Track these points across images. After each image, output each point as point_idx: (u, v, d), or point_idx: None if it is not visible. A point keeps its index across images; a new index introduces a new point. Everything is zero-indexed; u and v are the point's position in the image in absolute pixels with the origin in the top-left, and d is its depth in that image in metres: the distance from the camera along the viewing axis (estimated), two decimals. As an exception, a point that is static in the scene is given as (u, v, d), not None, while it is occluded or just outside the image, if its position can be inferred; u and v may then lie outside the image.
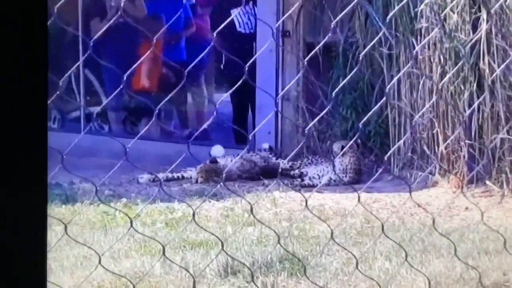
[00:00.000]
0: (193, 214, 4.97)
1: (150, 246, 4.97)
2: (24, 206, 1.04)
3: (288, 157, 7.31)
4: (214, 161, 7.46)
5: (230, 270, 4.52)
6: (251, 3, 8.65)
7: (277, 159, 7.90)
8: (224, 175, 6.95)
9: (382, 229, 4.26)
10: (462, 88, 6.97)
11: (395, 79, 7.12)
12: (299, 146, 6.90)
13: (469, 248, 5.07)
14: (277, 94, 7.76)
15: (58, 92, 2.82)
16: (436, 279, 4.44)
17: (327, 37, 6.01)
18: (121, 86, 2.74)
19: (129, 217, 4.25)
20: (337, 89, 3.45)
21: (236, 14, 8.56)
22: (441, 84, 6.91)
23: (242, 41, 8.64)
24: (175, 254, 4.83)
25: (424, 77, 7.25)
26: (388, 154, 7.02)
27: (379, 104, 6.03)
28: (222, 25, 3.11)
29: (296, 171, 7.76)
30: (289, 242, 5.14)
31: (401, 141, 7.26)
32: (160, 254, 4.67)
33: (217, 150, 7.82)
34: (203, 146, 7.93)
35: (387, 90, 7.15)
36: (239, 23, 8.82)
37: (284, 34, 8.20)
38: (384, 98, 6.83)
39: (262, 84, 7.67)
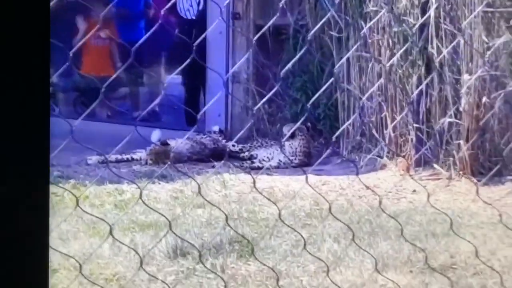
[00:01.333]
0: (140, 193, 4.95)
1: (98, 228, 4.93)
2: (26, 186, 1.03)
3: (236, 138, 7.32)
4: (165, 143, 7.44)
5: (179, 251, 4.51)
6: None
7: (227, 141, 7.90)
8: (172, 156, 6.93)
9: (330, 209, 4.30)
10: (411, 71, 7.04)
11: (343, 59, 7.17)
12: (246, 127, 6.91)
13: (416, 231, 5.14)
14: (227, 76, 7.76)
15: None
16: (384, 261, 4.49)
17: (275, 17, 6.00)
18: (67, 64, 2.68)
19: (75, 196, 4.20)
20: (284, 69, 3.47)
21: None
22: (388, 66, 6.97)
23: (186, 26, 8.61)
24: (124, 235, 4.81)
25: (373, 61, 7.31)
26: (336, 135, 7.06)
27: (327, 84, 6.05)
28: (165, 8, 3.08)
29: (246, 153, 7.78)
30: (239, 224, 5.15)
31: (349, 121, 7.32)
32: (108, 236, 4.63)
33: (156, 134, 7.79)
34: (154, 128, 7.89)
35: (335, 70, 7.19)
36: (180, 9, 8.78)
37: (234, 16, 8.18)
38: (332, 79, 6.86)
39: (213, 66, 7.65)
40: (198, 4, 8.65)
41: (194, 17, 8.76)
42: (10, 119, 1.02)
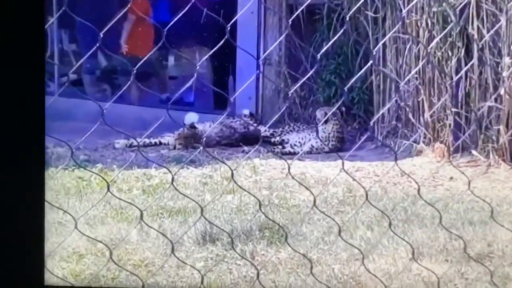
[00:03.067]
0: (172, 179, 5.05)
1: (126, 213, 5.04)
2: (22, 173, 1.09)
3: (269, 124, 7.39)
4: (193, 126, 7.51)
5: (209, 238, 4.61)
6: None
7: (257, 125, 7.96)
8: (203, 141, 7.02)
9: (366, 196, 4.36)
10: (450, 54, 7.05)
11: (381, 42, 7.18)
12: (280, 112, 6.97)
13: (453, 219, 5.19)
14: (259, 57, 7.81)
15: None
16: (419, 249, 4.55)
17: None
18: (97, 45, 2.76)
19: (106, 181, 4.31)
20: (321, 52, 3.52)
21: None
22: (428, 49, 6.98)
23: (216, 6, 8.65)
24: (153, 221, 4.92)
25: (410, 43, 7.32)
26: (373, 120, 7.10)
27: (365, 68, 6.10)
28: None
29: (277, 138, 7.84)
30: (269, 211, 5.24)
31: (386, 107, 7.35)
32: (137, 221, 4.75)
33: (191, 117, 7.86)
34: (181, 111, 7.98)
35: (374, 53, 7.21)
36: None
37: (266, -5, 8.23)
38: (371, 62, 6.89)
39: (243, 47, 7.71)
40: None
41: None
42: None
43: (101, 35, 2.70)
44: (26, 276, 1.11)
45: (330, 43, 3.44)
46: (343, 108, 7.69)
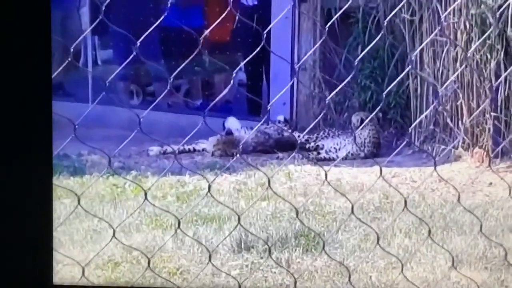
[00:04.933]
0: (209, 187, 5.12)
1: (161, 220, 5.12)
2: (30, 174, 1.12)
3: (305, 132, 7.42)
4: (230, 132, 7.57)
5: (244, 245, 4.66)
6: None
7: (292, 131, 8.00)
8: (240, 147, 7.07)
9: (405, 204, 4.38)
10: (489, 57, 7.04)
11: (420, 47, 7.18)
12: (316, 120, 6.99)
13: (492, 225, 5.19)
14: (293, 62, 7.85)
15: (70, 59, 2.90)
16: (458, 257, 4.57)
17: (349, 2, 6.06)
18: (134, 53, 2.81)
19: (143, 189, 4.38)
20: (358, 58, 3.55)
21: None
22: (465, 51, 6.98)
23: (249, 11, 8.70)
24: (187, 228, 4.98)
25: (448, 45, 7.32)
26: (413, 126, 7.11)
27: (404, 72, 6.10)
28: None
29: (312, 144, 7.86)
30: (305, 218, 5.28)
31: (425, 113, 7.35)
32: (172, 229, 4.82)
33: (232, 122, 7.91)
34: (214, 118, 8.04)
35: (412, 58, 7.21)
36: None
37: (300, -1, 8.27)
38: (409, 67, 6.89)
39: (277, 53, 7.75)
40: None
41: (256, 3, 8.87)
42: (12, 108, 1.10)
43: (138, 44, 2.75)
44: (34, 276, 1.15)
45: (368, 48, 3.47)
46: (380, 114, 7.70)
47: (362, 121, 7.51)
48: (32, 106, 1.13)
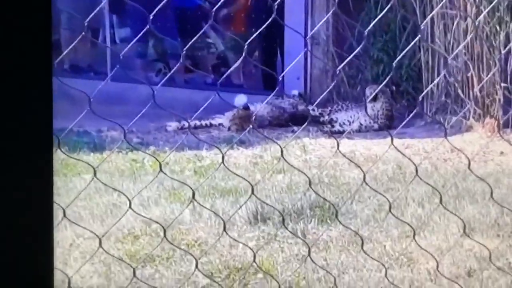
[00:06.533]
0: (222, 158, 5.07)
1: (179, 194, 5.08)
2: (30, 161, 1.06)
3: (316, 102, 7.35)
4: (246, 107, 7.51)
5: (260, 217, 4.62)
6: None
7: (306, 105, 7.94)
8: (255, 120, 7.01)
9: (416, 172, 4.31)
10: (498, 28, 6.94)
11: (428, 17, 7.08)
12: (327, 90, 6.93)
13: (504, 193, 5.12)
14: (306, 37, 7.76)
15: (83, 33, 2.85)
16: (470, 225, 4.51)
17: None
18: (147, 27, 2.74)
19: (158, 161, 4.34)
20: (368, 28, 3.47)
21: None
22: (476, 24, 6.87)
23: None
24: (205, 201, 4.94)
25: (458, 18, 7.21)
26: (423, 94, 7.02)
27: (412, 42, 6.01)
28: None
29: (326, 117, 7.81)
30: (320, 189, 5.22)
31: (435, 82, 7.26)
32: (189, 201, 4.77)
33: (241, 99, 7.85)
34: (231, 93, 7.99)
35: (422, 27, 7.10)
36: None
37: (313, -25, 8.17)
38: (418, 36, 6.79)
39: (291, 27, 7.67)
40: None
41: None
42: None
43: (151, 17, 2.68)
44: (35, 279, 1.09)
45: (377, 18, 3.39)
46: (393, 87, 7.62)
47: (376, 93, 7.44)
48: (32, 97, 1.07)
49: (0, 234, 1.04)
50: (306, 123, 6.92)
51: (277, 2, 2.92)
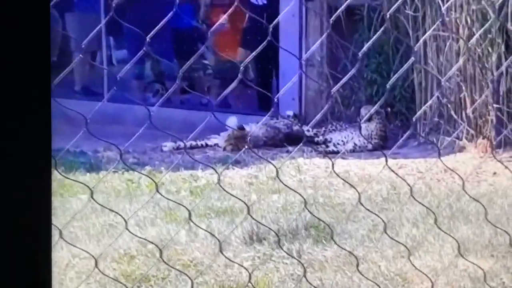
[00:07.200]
0: (218, 178, 5.03)
1: (175, 214, 5.04)
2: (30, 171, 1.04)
3: (312, 123, 7.34)
4: (241, 128, 7.50)
5: (256, 237, 4.58)
6: None
7: (301, 126, 7.93)
8: (250, 140, 6.99)
9: (411, 192, 4.29)
10: (490, 50, 6.95)
11: (421, 39, 7.09)
12: (322, 111, 6.92)
13: (497, 214, 5.09)
14: (301, 59, 7.75)
15: (81, 55, 2.83)
16: (465, 245, 4.47)
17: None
18: (143, 49, 2.72)
19: (154, 182, 4.30)
20: (362, 50, 3.45)
21: None
22: (468, 45, 6.88)
23: (259, 10, 8.63)
24: (200, 222, 4.90)
25: (451, 40, 7.23)
26: (417, 115, 7.01)
27: (406, 64, 5.99)
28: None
29: (321, 137, 7.80)
30: (315, 209, 5.19)
31: (429, 103, 7.25)
32: (186, 222, 4.74)
33: (232, 121, 7.84)
34: (226, 114, 7.98)
35: (415, 49, 7.11)
36: None
37: (307, -3, 8.19)
38: (412, 58, 6.79)
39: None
40: None
41: (265, 2, 8.79)
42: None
43: (148, 39, 2.67)
44: (34, 279, 1.06)
45: (371, 41, 3.38)
46: (388, 109, 7.63)
47: (371, 114, 7.44)
48: (31, 105, 1.05)
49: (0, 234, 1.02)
50: (301, 143, 6.91)
51: (273, 24, 2.90)
